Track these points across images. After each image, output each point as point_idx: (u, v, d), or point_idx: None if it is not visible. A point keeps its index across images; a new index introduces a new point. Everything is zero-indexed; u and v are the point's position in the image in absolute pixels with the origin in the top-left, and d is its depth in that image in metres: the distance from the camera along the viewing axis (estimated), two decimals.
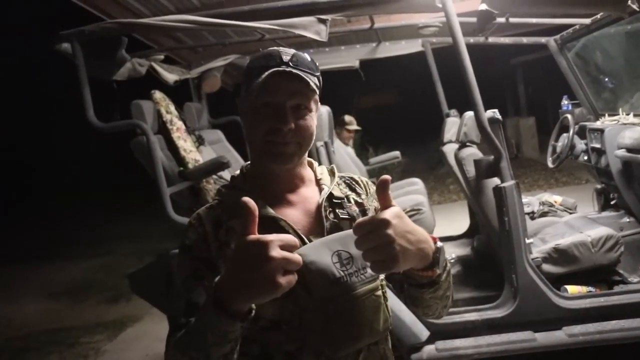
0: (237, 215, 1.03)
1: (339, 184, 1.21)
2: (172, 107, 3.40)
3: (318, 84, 1.09)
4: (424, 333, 2.51)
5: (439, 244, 1.03)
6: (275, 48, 1.07)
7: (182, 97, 3.94)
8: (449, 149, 3.64)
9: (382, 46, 4.41)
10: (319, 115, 2.33)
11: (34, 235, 10.52)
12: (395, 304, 1.32)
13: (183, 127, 3.39)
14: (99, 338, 4.80)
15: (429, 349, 2.50)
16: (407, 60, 4.63)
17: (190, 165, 3.07)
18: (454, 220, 5.68)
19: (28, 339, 4.98)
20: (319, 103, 1.15)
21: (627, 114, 3.62)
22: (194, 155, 3.19)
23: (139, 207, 9.43)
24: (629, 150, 3.17)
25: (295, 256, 0.86)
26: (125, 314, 5.28)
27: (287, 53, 1.05)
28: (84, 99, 2.62)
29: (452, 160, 3.42)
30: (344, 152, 3.74)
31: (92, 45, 2.71)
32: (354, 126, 5.48)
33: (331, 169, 1.25)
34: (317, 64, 1.12)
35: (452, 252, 3.77)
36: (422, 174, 8.91)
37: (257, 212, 0.87)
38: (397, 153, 5.00)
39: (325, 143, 2.88)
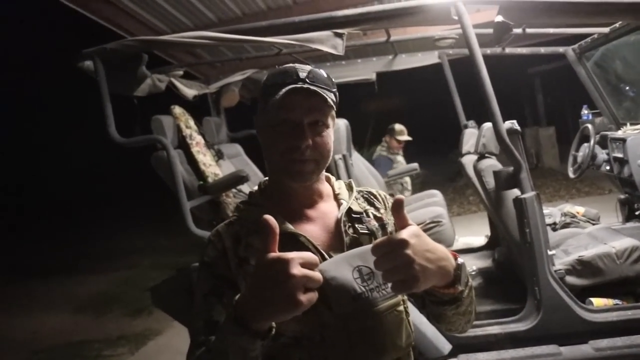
0: (256, 231, 1.04)
1: (357, 199, 1.20)
2: (191, 122, 3.44)
3: (335, 99, 1.08)
4: (446, 347, 2.47)
5: (460, 260, 1.02)
6: (292, 65, 1.07)
7: (201, 111, 3.99)
8: (468, 161, 3.61)
9: (399, 58, 4.42)
10: (336, 128, 2.32)
11: (57, 249, 10.67)
12: (416, 316, 1.30)
13: (202, 141, 3.43)
14: (121, 351, 4.84)
15: None
16: (423, 70, 4.63)
17: (209, 179, 3.10)
18: (474, 231, 5.63)
19: (52, 352, 5.05)
20: (335, 117, 1.15)
21: None
22: (213, 169, 3.22)
23: (160, 221, 9.53)
24: None
25: (316, 274, 0.85)
26: (147, 327, 5.32)
27: (303, 69, 1.05)
28: (106, 114, 2.67)
29: (471, 171, 3.39)
30: (362, 165, 3.74)
31: (113, 62, 2.77)
32: (405, 137, 5.41)
33: (349, 184, 1.24)
34: (334, 77, 1.13)
35: (472, 264, 3.72)
36: (441, 185, 8.87)
37: (277, 230, 0.87)
38: (415, 165, 4.98)
39: (344, 156, 2.89)
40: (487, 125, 3.18)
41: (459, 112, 4.56)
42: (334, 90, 1.09)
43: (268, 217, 0.87)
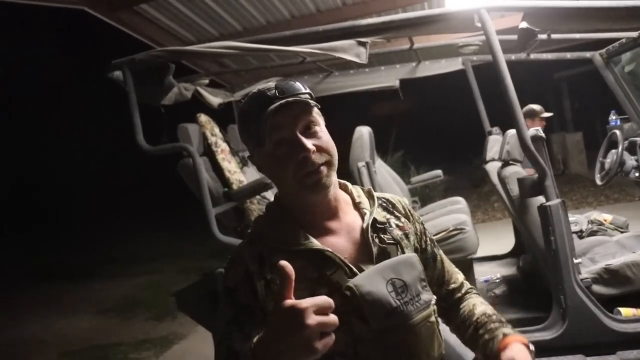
0: (280, 249, 1.03)
1: (378, 208, 1.19)
2: (216, 130, 3.50)
3: (310, 97, 1.08)
4: (468, 355, 2.42)
5: (531, 347, 1.09)
6: (257, 90, 1.07)
7: (226, 119, 4.05)
8: (492, 168, 3.59)
9: (422, 65, 4.42)
10: (359, 136, 2.34)
11: (82, 253, 10.90)
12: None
13: (227, 148, 3.48)
14: (146, 355, 4.91)
15: None
16: (448, 76, 4.61)
17: (234, 186, 3.14)
18: (499, 238, 5.56)
19: (79, 354, 5.15)
20: (324, 117, 1.13)
21: None
22: (238, 176, 3.27)
23: (184, 227, 9.65)
24: None
25: (331, 319, 0.83)
26: (171, 331, 5.39)
27: (269, 89, 1.05)
28: (134, 123, 2.73)
29: (495, 178, 3.37)
30: (385, 172, 3.74)
31: (141, 72, 2.84)
32: (546, 113, 5.26)
33: (368, 191, 1.22)
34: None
35: (497, 271, 3.69)
36: (465, 192, 8.81)
37: (293, 276, 0.84)
38: (439, 172, 4.94)
39: (367, 163, 2.90)
40: (511, 132, 3.16)
41: (483, 119, 4.54)
42: (306, 91, 1.08)
43: (284, 263, 0.84)
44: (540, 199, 2.58)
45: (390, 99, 5.68)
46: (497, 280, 3.55)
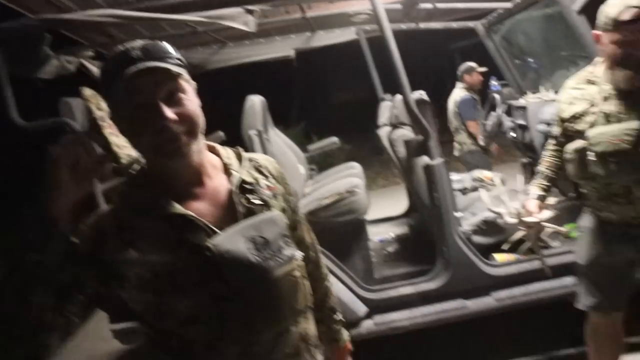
0: (141, 214, 1.03)
1: (247, 168, 1.18)
2: (103, 104, 3.32)
3: (180, 62, 1.04)
4: (362, 309, 2.60)
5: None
6: (122, 48, 1.01)
7: None
8: (384, 132, 3.74)
9: (317, 35, 4.44)
10: (250, 105, 2.28)
11: None
12: (333, 283, 1.41)
13: None
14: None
15: (368, 323, 2.61)
16: (347, 46, 4.68)
17: (123, 161, 3.02)
18: (398, 201, 5.83)
19: None
20: (192, 80, 1.09)
21: (548, 91, 3.83)
22: (127, 150, 3.10)
23: None
24: (549, 124, 3.37)
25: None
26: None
27: (134, 48, 0.99)
28: (6, 97, 2.53)
29: (386, 142, 3.53)
30: (281, 141, 3.77)
31: (12, 42, 2.62)
32: (481, 68, 5.34)
33: (238, 152, 1.21)
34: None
35: (391, 231, 3.90)
36: (367, 159, 9.07)
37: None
38: (334, 139, 5.03)
39: (259, 131, 2.91)
40: (399, 97, 3.31)
41: (377, 87, 4.70)
42: (175, 54, 1.04)
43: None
44: (425, 159, 2.74)
45: (290, 70, 5.67)
46: (391, 240, 3.76)
